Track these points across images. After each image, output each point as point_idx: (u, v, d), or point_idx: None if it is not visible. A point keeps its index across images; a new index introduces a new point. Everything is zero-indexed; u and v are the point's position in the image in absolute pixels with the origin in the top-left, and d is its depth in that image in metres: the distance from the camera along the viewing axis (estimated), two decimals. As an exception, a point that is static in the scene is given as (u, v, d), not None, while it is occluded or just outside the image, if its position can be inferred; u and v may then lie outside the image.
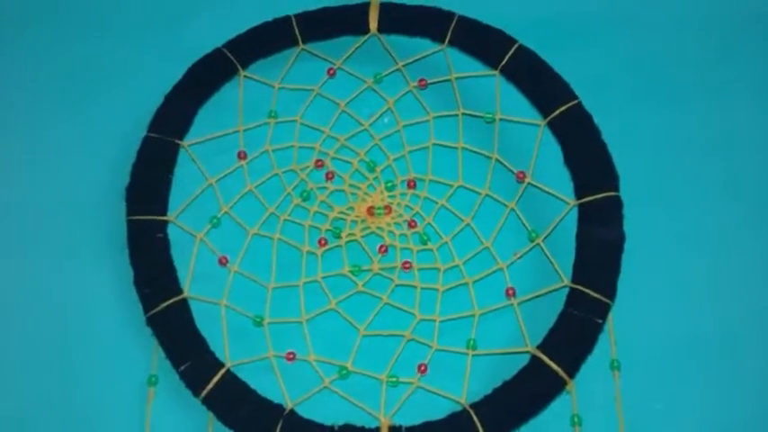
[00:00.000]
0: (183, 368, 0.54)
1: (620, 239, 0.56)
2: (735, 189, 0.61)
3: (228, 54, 0.63)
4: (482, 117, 0.61)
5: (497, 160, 0.60)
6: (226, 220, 0.60)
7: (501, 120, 0.61)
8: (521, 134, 0.60)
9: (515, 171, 0.59)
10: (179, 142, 0.61)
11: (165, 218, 0.58)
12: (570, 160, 0.58)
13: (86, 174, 0.62)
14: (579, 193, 0.57)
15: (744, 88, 0.64)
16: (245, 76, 0.64)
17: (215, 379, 0.54)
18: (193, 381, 0.54)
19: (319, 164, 0.61)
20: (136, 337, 0.56)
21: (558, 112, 0.59)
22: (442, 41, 0.63)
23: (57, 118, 0.64)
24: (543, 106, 0.60)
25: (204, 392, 0.53)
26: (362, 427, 0.53)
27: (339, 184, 0.61)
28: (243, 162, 0.61)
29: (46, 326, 0.58)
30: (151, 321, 0.55)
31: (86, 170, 0.62)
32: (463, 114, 0.61)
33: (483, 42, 0.62)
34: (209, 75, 0.62)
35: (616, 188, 0.57)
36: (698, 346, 0.56)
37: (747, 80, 0.64)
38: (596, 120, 0.59)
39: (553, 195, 0.58)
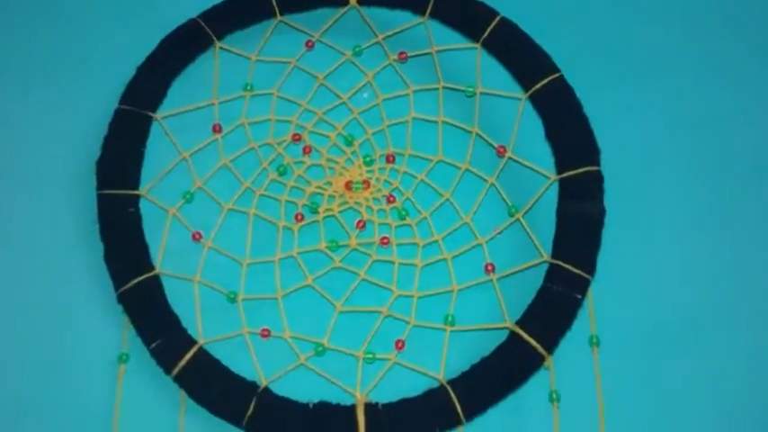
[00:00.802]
0: (154, 345, 0.53)
1: (600, 214, 0.55)
2: (718, 165, 0.60)
3: (203, 25, 0.61)
4: (463, 91, 0.60)
5: (478, 134, 0.59)
6: (199, 195, 0.58)
7: (482, 93, 0.60)
8: (502, 108, 0.59)
9: (496, 145, 0.58)
10: (152, 115, 0.59)
11: (136, 192, 0.57)
12: (551, 134, 0.58)
13: (57, 147, 0.60)
14: (560, 167, 0.57)
15: (727, 63, 0.63)
16: (220, 48, 0.62)
17: (187, 356, 0.53)
18: (165, 358, 0.53)
19: (296, 138, 0.60)
20: (106, 313, 0.55)
21: (539, 85, 0.58)
22: (423, 14, 0.62)
23: (27, 90, 0.62)
24: (525, 80, 0.59)
25: (176, 370, 0.52)
26: (338, 405, 0.52)
27: (317, 159, 0.60)
28: (218, 135, 0.60)
29: (14, 302, 0.56)
30: (122, 298, 0.54)
31: (57, 143, 0.60)
32: (444, 88, 0.60)
33: (464, 15, 0.61)
34: (183, 46, 0.61)
35: (597, 163, 0.56)
36: (679, 322, 0.55)
37: (731, 55, 0.63)
38: (578, 94, 0.58)
39: (534, 170, 0.57)
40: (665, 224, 0.58)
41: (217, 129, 0.60)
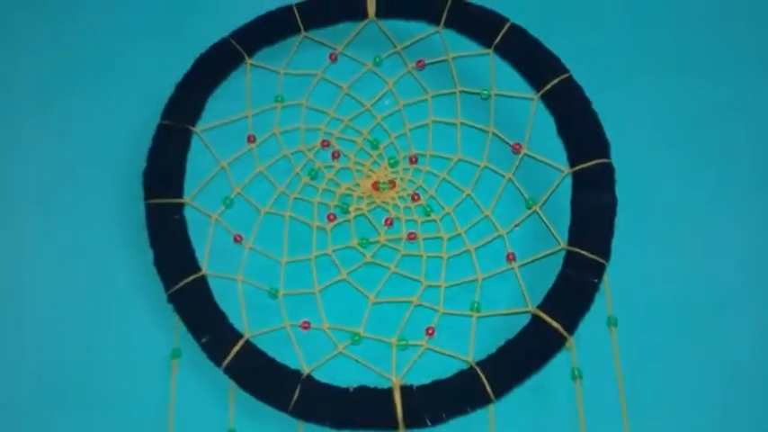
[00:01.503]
0: (204, 340, 0.57)
1: (612, 203, 0.59)
2: (723, 155, 0.64)
3: (235, 43, 0.66)
4: (478, 94, 0.64)
5: (494, 134, 0.63)
6: (238, 201, 0.63)
7: (496, 95, 0.64)
8: (515, 108, 0.63)
9: (511, 143, 0.62)
10: (191, 128, 0.64)
11: (181, 200, 0.62)
12: (563, 131, 0.61)
13: (106, 161, 0.64)
14: (572, 161, 0.61)
15: (730, 58, 0.67)
16: (251, 64, 0.66)
17: (235, 349, 0.57)
18: (215, 352, 0.57)
19: (325, 144, 0.64)
20: (158, 313, 0.59)
21: (550, 85, 0.62)
22: (438, 23, 0.66)
23: (76, 108, 0.67)
24: (536, 81, 0.63)
25: (225, 362, 0.57)
26: (376, 388, 0.56)
27: (345, 163, 0.64)
28: (252, 145, 0.64)
29: (72, 306, 0.61)
30: (172, 298, 0.59)
31: (105, 158, 0.65)
32: (460, 92, 0.64)
33: (477, 23, 0.65)
34: (217, 63, 0.65)
35: (607, 155, 0.60)
36: (691, 301, 0.59)
37: (734, 50, 0.67)
38: (587, 91, 0.62)
39: (548, 164, 0.61)
40: (675, 211, 0.62)
41: (251, 139, 0.64)
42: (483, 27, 0.65)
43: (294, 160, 0.64)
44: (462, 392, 0.55)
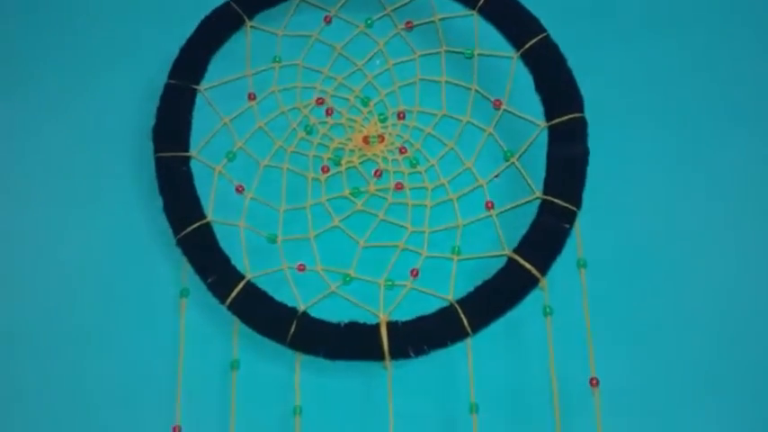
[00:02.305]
0: (210, 281, 0.63)
1: (584, 154, 0.64)
2: (690, 109, 0.68)
3: (236, 7, 0.70)
4: (462, 53, 0.68)
5: (476, 91, 0.67)
6: (240, 154, 0.68)
7: (479, 55, 0.68)
8: (497, 67, 0.67)
9: (492, 99, 0.67)
10: (196, 87, 0.68)
11: (187, 154, 0.67)
12: (540, 87, 0.65)
13: (119, 118, 0.70)
14: (549, 115, 0.65)
15: (705, 18, 0.71)
16: (251, 27, 0.71)
17: (238, 289, 0.62)
18: (219, 291, 0.63)
19: (320, 101, 0.69)
20: (168, 256, 0.65)
21: (528, 45, 0.66)
22: (426, -14, 0.70)
23: (92, 71, 0.72)
24: (516, 40, 0.67)
25: (229, 300, 0.62)
26: (365, 324, 0.61)
27: (338, 119, 0.69)
28: (253, 103, 0.69)
29: (90, 250, 0.67)
30: (181, 242, 0.64)
31: (119, 116, 0.70)
32: (446, 51, 0.69)
33: (462, -15, 0.70)
34: (219, 26, 0.70)
35: (581, 109, 0.64)
36: (655, 246, 0.64)
37: (703, 11, 0.71)
38: (563, 50, 0.65)
39: (526, 119, 0.66)
40: (643, 162, 0.66)
41: (252, 97, 0.69)
42: (468, -11, 0.69)
43: (291, 116, 0.69)
44: (443, 327, 0.60)
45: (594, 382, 0.59)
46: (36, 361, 0.64)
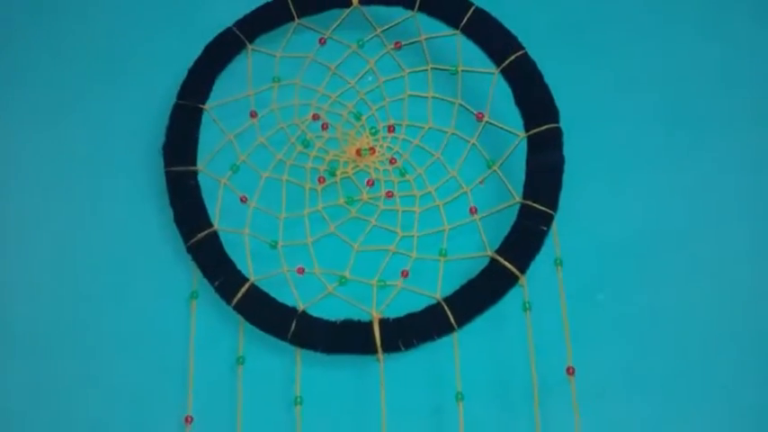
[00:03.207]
0: (217, 284, 0.68)
1: (560, 162, 0.68)
2: (661, 115, 0.73)
3: (237, 32, 0.75)
4: (447, 70, 0.73)
5: (460, 105, 0.73)
6: (243, 167, 0.73)
7: (462, 71, 0.73)
8: (479, 82, 0.72)
9: (475, 112, 0.72)
10: (202, 106, 0.73)
11: (194, 168, 0.72)
12: (519, 100, 0.70)
13: (132, 137, 0.75)
14: (527, 126, 0.70)
15: (673, 27, 0.76)
16: (252, 49, 0.76)
17: (242, 291, 0.68)
18: (226, 293, 0.68)
19: (316, 117, 0.74)
20: (179, 262, 0.70)
21: (508, 61, 0.71)
22: (413, 8, 0.74)
23: (106, 94, 0.77)
24: (496, 57, 0.72)
25: (235, 301, 0.67)
26: (359, 321, 0.66)
27: (332, 133, 0.74)
28: (254, 120, 0.74)
29: (107, 259, 0.72)
30: (190, 249, 0.69)
31: (132, 134, 0.75)
32: (432, 69, 0.74)
33: (446, 7, 0.74)
34: (222, 50, 0.75)
35: (557, 120, 0.69)
36: (628, 245, 0.69)
37: (674, 21, 0.76)
38: (540, 66, 0.70)
39: (506, 130, 0.71)
40: (616, 168, 0.71)
41: (253, 114, 0.74)
42: (451, 10, 0.74)
43: (289, 132, 0.74)
44: (430, 323, 0.65)
45: (571, 370, 0.64)
46: (55, 358, 0.69)
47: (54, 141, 0.76)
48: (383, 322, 0.66)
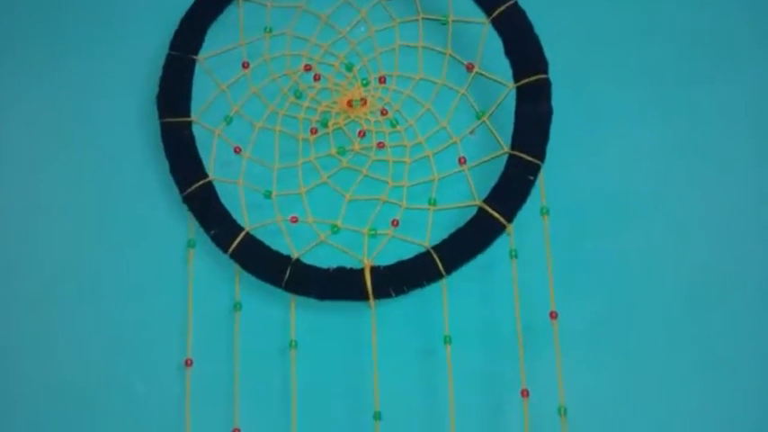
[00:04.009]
0: (213, 233, 0.70)
1: (548, 113, 0.70)
2: (647, 69, 0.74)
3: (228, -19, 0.76)
4: (438, 20, 0.74)
5: (451, 55, 0.73)
6: (237, 118, 0.74)
7: (453, 21, 0.73)
8: (469, 32, 0.73)
9: (465, 63, 0.72)
10: (195, 57, 0.74)
11: (188, 119, 0.73)
12: (509, 51, 0.71)
13: (126, 89, 0.76)
14: (516, 77, 0.70)
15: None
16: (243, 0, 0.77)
17: (238, 239, 0.70)
18: (222, 242, 0.70)
19: (308, 68, 0.75)
20: (175, 212, 0.73)
21: (498, 11, 0.71)
22: (403, -43, 0.75)
23: (101, 48, 0.78)
24: (487, 7, 0.72)
25: (231, 250, 0.70)
26: (351, 268, 0.69)
27: (324, 84, 0.75)
28: (246, 71, 0.75)
29: (105, 210, 0.74)
30: (186, 199, 0.71)
31: (126, 86, 0.76)
32: (423, 19, 0.74)
33: (436, -44, 0.75)
34: (214, 0, 0.75)
35: (546, 71, 0.70)
36: (611, 195, 0.71)
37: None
38: (530, 16, 0.71)
39: (496, 81, 0.71)
40: (602, 119, 0.73)
41: (245, 65, 0.75)
42: (442, -40, 0.74)
43: (282, 82, 0.75)
44: (420, 270, 0.68)
45: (554, 315, 0.66)
46: (58, 305, 0.72)
47: (49, 93, 0.77)
48: (374, 269, 0.68)
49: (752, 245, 0.70)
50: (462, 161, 0.71)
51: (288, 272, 0.69)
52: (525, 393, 0.64)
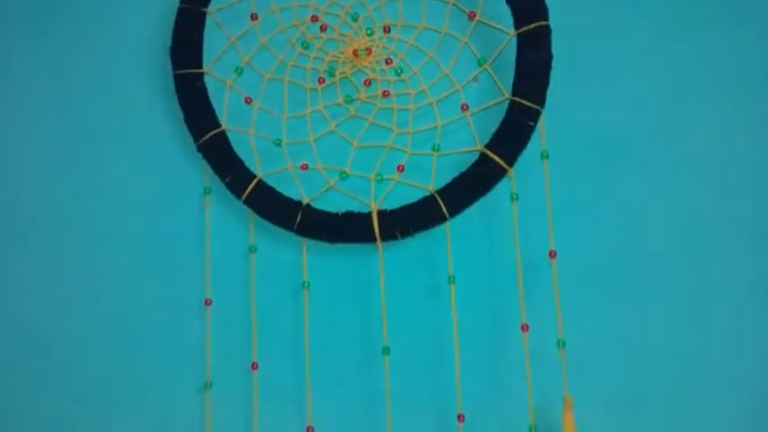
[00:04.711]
0: (227, 180, 0.73)
1: (548, 59, 0.71)
2: (641, 22, 0.75)
3: (235, -67, 0.77)
4: (441, -31, 0.76)
5: (453, 4, 0.75)
6: (247, 69, 0.77)
7: (456, -30, 0.75)
8: (471, -19, 0.75)
9: (467, 11, 0.74)
10: (205, 10, 0.76)
11: (200, 70, 0.75)
12: (510, -1, 0.73)
13: (139, 42, 0.79)
14: (517, 24, 0.72)
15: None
16: (250, -48, 0.78)
17: (251, 186, 0.73)
18: (236, 188, 0.73)
19: (314, 19, 0.77)
20: (191, 160, 0.76)
21: (499, -40, 0.73)
22: None
23: (112, 2, 0.80)
24: (488, -44, 0.74)
25: (244, 196, 0.73)
26: (359, 212, 0.72)
27: (331, 34, 0.77)
28: (255, 22, 0.77)
29: (124, 161, 0.78)
30: (201, 148, 0.74)
31: (139, 39, 0.79)
32: (425, -33, 0.76)
33: None
34: (222, -46, 0.77)
35: (546, 18, 0.71)
36: (610, 139, 0.73)
37: None
38: (531, -37, 0.73)
39: (497, 29, 0.73)
40: (603, 67, 0.75)
41: (254, 17, 0.77)
42: None
43: (290, 33, 0.77)
44: (425, 213, 0.71)
45: (552, 254, 0.69)
46: (79, 250, 0.76)
47: (65, 49, 0.80)
48: (381, 213, 0.71)
49: (742, 187, 0.72)
50: (465, 108, 0.73)
51: (299, 216, 0.72)
52: (525, 328, 0.68)
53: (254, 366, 0.71)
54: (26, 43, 0.81)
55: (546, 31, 0.71)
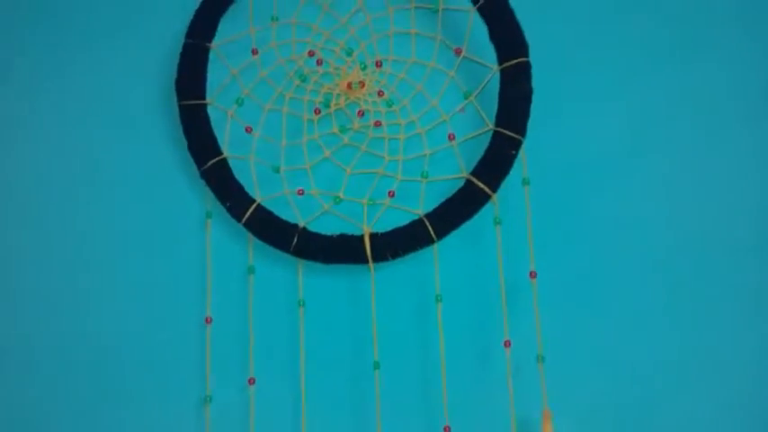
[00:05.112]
0: (228, 204, 0.77)
1: (529, 92, 0.76)
2: (618, 51, 0.80)
3: (238, -26, 0.82)
4: (429, 7, 0.80)
5: (441, 41, 0.80)
6: (247, 100, 0.81)
7: (443, 9, 0.80)
8: (458, 19, 0.80)
9: (454, 48, 0.79)
10: (209, 45, 0.81)
11: (204, 101, 0.80)
12: (493, 36, 0.77)
13: (147, 75, 0.83)
14: (500, 60, 0.77)
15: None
16: (252, -10, 0.83)
17: (250, 210, 0.77)
18: (236, 213, 0.77)
19: (311, 53, 0.82)
20: (194, 186, 0.80)
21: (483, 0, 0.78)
22: (398, -50, 0.81)
23: (121, 36, 0.85)
24: (473, -4, 0.79)
25: (244, 220, 0.77)
26: (352, 235, 0.76)
27: (327, 68, 0.81)
28: (255, 56, 0.81)
29: (130, 186, 0.82)
30: (203, 174, 0.78)
31: (147, 73, 0.83)
32: (415, 7, 0.81)
33: (428, -51, 0.81)
34: (225, -8, 0.82)
35: (527, 55, 0.76)
36: (587, 165, 0.78)
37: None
38: (512, 4, 0.77)
39: (482, 64, 0.78)
40: (579, 97, 0.79)
41: (255, 51, 0.81)
42: (433, -48, 0.80)
43: (288, 67, 0.81)
44: (414, 236, 0.75)
45: (533, 274, 0.74)
46: (87, 272, 0.80)
47: (77, 79, 0.85)
48: (373, 236, 0.75)
49: (717, 211, 0.77)
50: (451, 137, 0.78)
51: (295, 239, 0.76)
52: (508, 344, 0.72)
53: (252, 381, 0.75)
54: (33, 74, 0.85)
55: (527, 67, 0.76)
